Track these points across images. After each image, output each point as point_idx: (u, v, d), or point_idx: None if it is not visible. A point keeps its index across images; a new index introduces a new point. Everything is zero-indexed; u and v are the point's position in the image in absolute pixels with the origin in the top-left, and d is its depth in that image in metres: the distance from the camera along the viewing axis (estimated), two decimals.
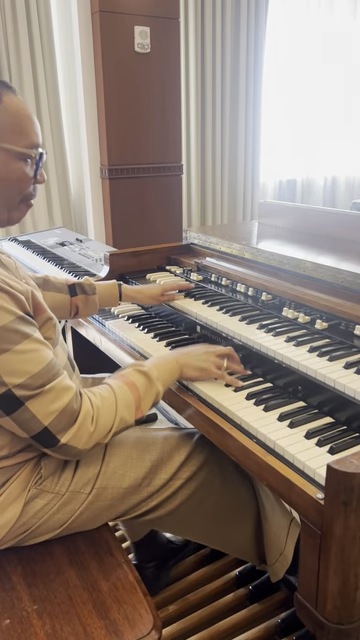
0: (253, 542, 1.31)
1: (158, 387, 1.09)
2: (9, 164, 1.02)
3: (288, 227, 1.95)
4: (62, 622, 0.96)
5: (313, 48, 4.94)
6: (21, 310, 0.96)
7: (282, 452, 0.95)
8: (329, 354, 1.17)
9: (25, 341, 0.94)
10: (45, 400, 0.94)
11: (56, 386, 0.96)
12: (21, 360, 0.93)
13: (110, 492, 1.14)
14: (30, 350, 0.94)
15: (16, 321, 0.93)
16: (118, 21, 3.41)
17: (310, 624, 0.90)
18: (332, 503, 0.79)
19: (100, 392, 1.04)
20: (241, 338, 1.33)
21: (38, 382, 0.94)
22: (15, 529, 1.07)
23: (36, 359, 0.95)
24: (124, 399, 1.04)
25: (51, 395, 0.95)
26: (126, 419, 1.04)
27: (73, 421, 0.97)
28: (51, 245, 2.71)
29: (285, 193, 5.17)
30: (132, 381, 1.07)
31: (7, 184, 1.03)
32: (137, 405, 1.05)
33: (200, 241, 1.98)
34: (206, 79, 4.37)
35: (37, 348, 0.96)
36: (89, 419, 0.98)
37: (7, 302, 0.94)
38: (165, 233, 3.84)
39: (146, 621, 0.96)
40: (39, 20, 3.50)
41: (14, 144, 1.02)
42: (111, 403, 1.02)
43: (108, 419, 1.01)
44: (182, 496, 1.20)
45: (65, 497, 1.10)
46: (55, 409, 0.95)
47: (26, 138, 1.03)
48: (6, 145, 1.01)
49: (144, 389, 1.07)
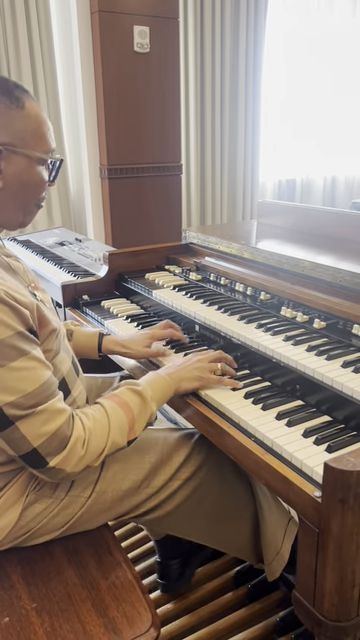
0: (251, 541, 1.31)
1: (152, 407, 1.07)
2: (30, 170, 1.02)
3: (287, 227, 1.95)
4: (61, 620, 0.96)
5: (312, 47, 4.94)
6: (23, 325, 0.93)
7: (280, 451, 0.96)
8: (327, 353, 1.17)
9: (22, 358, 0.91)
10: (36, 421, 0.92)
11: (49, 408, 0.93)
12: (15, 377, 0.90)
13: (110, 495, 1.14)
14: (26, 368, 0.91)
15: (15, 337, 0.91)
16: (117, 21, 3.42)
17: (308, 622, 0.91)
18: (329, 501, 0.79)
19: (93, 414, 1.00)
20: (239, 337, 1.33)
21: (30, 402, 0.91)
22: (14, 532, 1.08)
23: (31, 378, 0.92)
24: (117, 422, 1.01)
25: (43, 417, 0.92)
26: (118, 442, 1.01)
27: (64, 445, 0.94)
28: (50, 245, 2.71)
29: (285, 193, 5.18)
30: (126, 402, 1.04)
31: (27, 189, 1.04)
32: (130, 427, 1.03)
33: (199, 241, 1.99)
34: (205, 79, 4.37)
35: (33, 366, 0.93)
36: (80, 443, 0.96)
37: (8, 316, 0.91)
38: (164, 233, 3.85)
39: (145, 619, 0.96)
40: (38, 20, 3.51)
41: (35, 150, 1.02)
42: (104, 426, 0.99)
43: (100, 443, 0.98)
44: (181, 496, 1.20)
45: (64, 501, 1.10)
46: (46, 431, 0.92)
47: (45, 144, 1.04)
48: (29, 151, 1.01)
49: (138, 410, 1.05)
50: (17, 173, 1.01)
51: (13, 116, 0.99)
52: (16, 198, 1.03)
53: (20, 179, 1.01)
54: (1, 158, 0.98)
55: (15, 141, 0.99)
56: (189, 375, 1.16)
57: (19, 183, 1.02)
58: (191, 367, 1.17)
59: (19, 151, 1.00)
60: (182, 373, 1.16)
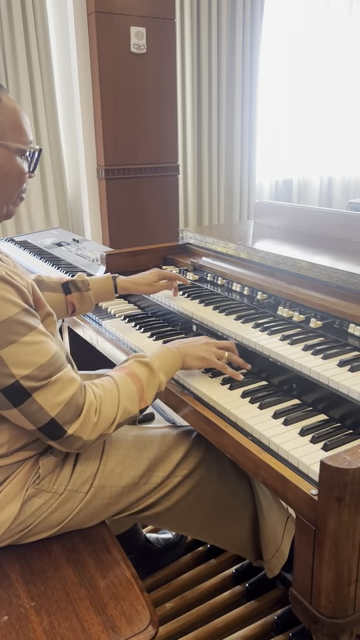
0: (250, 538, 1.32)
1: (160, 377, 1.10)
2: (10, 161, 1.06)
3: (284, 227, 1.96)
4: (60, 618, 0.97)
5: (309, 48, 4.96)
6: (25, 302, 0.98)
7: (277, 449, 0.96)
8: (323, 352, 1.18)
9: (31, 333, 0.95)
10: (52, 391, 0.96)
11: (62, 377, 0.97)
12: (28, 351, 0.94)
13: (108, 490, 1.15)
14: (36, 342, 0.96)
15: (22, 313, 0.95)
16: (114, 22, 3.42)
17: (305, 619, 0.91)
18: (326, 499, 0.80)
19: (102, 384, 1.05)
20: (236, 337, 1.34)
21: (44, 373, 0.95)
22: (13, 527, 1.08)
23: (42, 351, 0.96)
24: (126, 390, 1.05)
25: (57, 386, 0.96)
26: (129, 409, 1.05)
27: (79, 412, 0.98)
28: (48, 245, 2.71)
29: (281, 193, 5.19)
30: (134, 372, 1.08)
31: (8, 180, 1.07)
32: (140, 395, 1.06)
33: (196, 241, 1.99)
34: (202, 79, 4.38)
35: (42, 340, 0.97)
36: (93, 410, 0.99)
37: (12, 294, 0.95)
38: (161, 233, 3.85)
39: (143, 617, 0.97)
40: (35, 21, 3.51)
41: (14, 141, 1.05)
42: (114, 394, 1.03)
43: (111, 410, 1.02)
44: (179, 493, 1.21)
45: (63, 496, 1.11)
46: (62, 400, 0.96)
47: (23, 135, 1.08)
48: (8, 143, 1.04)
49: (146, 379, 1.08)
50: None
51: None
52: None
53: (1, 170, 1.05)
54: None
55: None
56: (194, 353, 1.18)
57: (1, 175, 1.05)
58: (198, 346, 1.20)
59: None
60: (188, 349, 1.18)
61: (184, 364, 1.18)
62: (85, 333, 1.67)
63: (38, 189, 3.77)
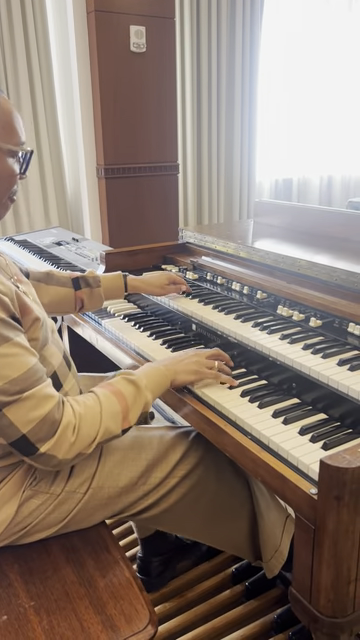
0: (249, 539, 1.32)
1: (147, 396, 1.07)
2: (1, 162, 1.04)
3: (283, 226, 1.96)
4: (59, 618, 0.97)
5: (309, 47, 4.95)
6: (4, 312, 0.94)
7: (276, 448, 0.96)
8: (323, 351, 1.18)
9: (4, 345, 0.91)
10: (23, 407, 0.92)
11: (36, 394, 0.93)
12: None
13: (106, 491, 1.14)
14: (9, 354, 0.92)
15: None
16: (114, 20, 3.42)
17: (304, 618, 0.91)
18: (325, 498, 0.80)
19: (85, 401, 1.01)
20: (236, 336, 1.34)
21: (16, 388, 0.91)
22: (10, 528, 1.08)
23: (15, 364, 0.92)
24: (110, 409, 1.01)
25: (30, 403, 0.92)
26: (111, 429, 1.01)
27: (54, 431, 0.94)
28: (47, 245, 2.71)
29: (281, 192, 5.18)
30: (119, 390, 1.04)
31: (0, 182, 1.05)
32: (124, 415, 1.03)
33: (196, 240, 1.99)
34: (202, 78, 4.37)
35: (17, 353, 0.93)
36: (70, 429, 0.96)
37: None
38: (161, 232, 3.85)
39: (142, 616, 0.97)
40: (34, 20, 3.51)
41: (6, 142, 1.03)
42: (95, 413, 1.00)
43: (92, 429, 0.98)
44: (178, 494, 1.21)
45: (60, 497, 1.10)
46: (34, 417, 0.92)
47: (15, 136, 1.05)
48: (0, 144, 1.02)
49: (132, 398, 1.04)
50: None
51: None
52: None
53: None
54: None
55: None
56: (185, 368, 1.16)
57: None
58: (188, 361, 1.18)
59: None
60: (178, 366, 1.16)
61: (175, 381, 1.15)
62: (84, 332, 1.67)
63: (38, 188, 3.77)
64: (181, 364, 1.17)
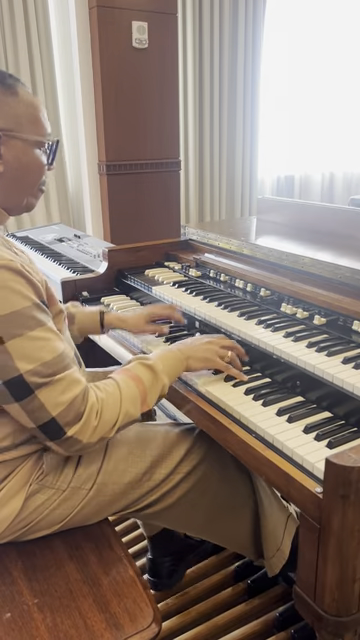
0: (251, 537, 1.32)
1: (164, 380, 1.09)
2: (29, 153, 1.06)
3: (286, 223, 1.95)
4: (63, 616, 0.96)
5: (312, 44, 4.93)
6: (37, 297, 0.97)
7: (281, 446, 0.96)
8: (327, 349, 1.17)
9: (39, 328, 0.94)
10: (55, 390, 0.94)
11: (67, 377, 0.96)
12: (34, 346, 0.93)
13: (111, 488, 1.14)
14: (43, 338, 0.95)
15: (32, 307, 0.94)
16: (116, 16, 3.40)
17: (309, 617, 0.91)
18: (330, 497, 0.79)
19: (105, 386, 1.03)
20: (240, 333, 1.33)
21: (49, 370, 0.94)
22: (15, 523, 1.08)
23: (48, 347, 0.95)
24: (129, 393, 1.04)
25: (61, 385, 0.95)
26: (131, 413, 1.04)
27: (80, 415, 0.96)
28: (49, 241, 2.71)
29: (283, 189, 5.17)
30: (137, 375, 1.07)
31: (27, 172, 1.08)
32: (143, 399, 1.05)
33: (198, 237, 1.98)
34: (204, 74, 4.36)
35: (50, 337, 0.96)
36: (94, 413, 0.98)
37: (25, 287, 0.94)
38: (163, 229, 3.84)
39: (146, 614, 0.96)
40: (37, 15, 3.49)
41: (32, 133, 1.06)
42: (116, 398, 1.02)
43: (112, 413, 1.01)
44: (181, 490, 1.21)
45: (66, 493, 1.10)
46: (64, 400, 0.95)
47: (41, 127, 1.08)
48: (26, 135, 1.05)
49: (149, 383, 1.07)
50: (17, 157, 1.05)
51: (8, 102, 1.03)
52: (18, 182, 1.07)
53: (20, 163, 1.05)
54: (0, 143, 1.02)
55: (12, 126, 1.03)
56: (198, 355, 1.17)
57: (19, 167, 1.06)
58: (202, 347, 1.18)
59: (17, 135, 1.04)
60: (192, 351, 1.17)
61: (188, 366, 1.16)
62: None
63: None
64: (194, 350, 1.18)
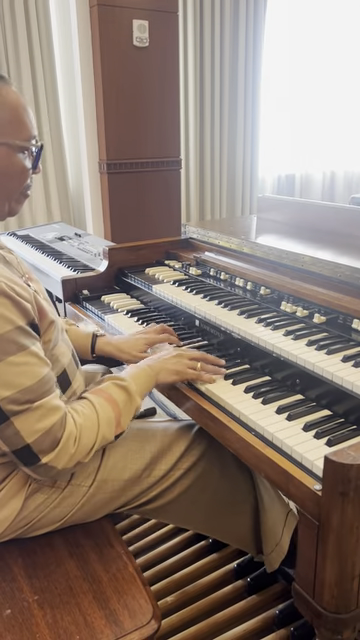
0: (251, 532, 1.32)
1: (137, 401, 1.09)
2: (11, 158, 1.02)
3: (287, 221, 1.95)
4: (62, 612, 0.97)
5: (312, 42, 4.93)
6: (24, 319, 0.94)
7: (280, 444, 0.96)
8: (327, 347, 1.18)
9: (21, 353, 0.91)
10: (32, 417, 0.92)
11: (45, 404, 0.93)
12: (13, 372, 0.90)
13: (110, 485, 1.15)
14: (24, 363, 0.91)
15: (15, 331, 0.91)
16: (116, 15, 3.40)
17: (308, 614, 0.91)
18: (330, 494, 0.80)
19: (83, 410, 1.02)
20: (239, 332, 1.33)
21: (27, 397, 0.91)
22: (15, 523, 1.08)
23: (29, 373, 0.92)
24: (105, 417, 1.02)
25: (38, 413, 0.92)
26: (107, 437, 1.02)
27: (56, 443, 0.94)
28: (50, 240, 2.71)
29: (284, 188, 5.17)
30: (112, 397, 1.05)
31: (9, 178, 1.03)
32: (117, 422, 1.04)
33: (199, 235, 1.98)
34: (205, 73, 4.35)
35: (32, 362, 0.93)
36: (72, 440, 0.96)
37: (9, 310, 0.90)
38: (164, 228, 3.84)
39: (145, 611, 0.97)
40: (37, 14, 3.49)
41: (15, 138, 1.01)
42: (93, 422, 1.00)
43: (90, 439, 0.99)
44: (181, 486, 1.21)
45: (66, 491, 1.11)
46: (41, 428, 0.92)
47: (25, 131, 1.03)
48: (8, 140, 1.00)
49: (124, 404, 1.06)
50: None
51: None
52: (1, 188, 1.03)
53: (2, 168, 1.01)
54: None
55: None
56: (168, 368, 1.17)
57: (1, 173, 1.01)
58: (170, 361, 1.18)
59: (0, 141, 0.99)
60: (161, 365, 1.17)
61: (158, 381, 1.15)
62: (87, 328, 1.66)
63: (40, 183, 3.76)
64: (164, 363, 1.17)
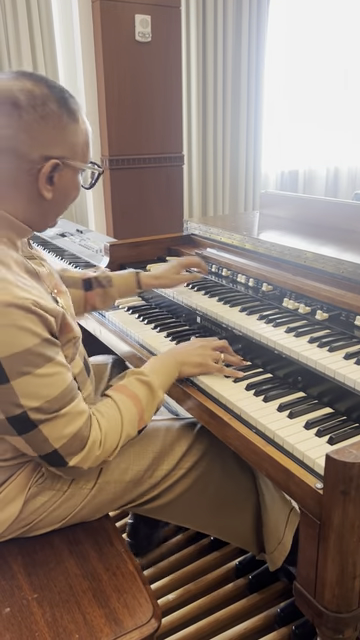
0: (253, 531, 1.31)
1: (160, 395, 1.09)
2: (75, 180, 1.03)
3: (289, 218, 1.94)
4: (62, 611, 0.96)
5: (316, 36, 4.89)
6: (47, 331, 0.94)
7: (282, 442, 0.95)
8: (329, 345, 1.17)
9: (47, 365, 0.92)
10: (59, 424, 0.93)
11: (71, 410, 0.95)
12: (41, 384, 0.91)
13: (113, 486, 1.14)
14: (51, 374, 0.92)
15: (41, 344, 0.91)
16: (118, 10, 3.38)
17: (309, 613, 0.91)
18: (331, 493, 0.79)
19: (107, 411, 1.02)
20: (241, 329, 1.33)
21: (55, 406, 0.93)
22: (14, 525, 1.08)
23: (56, 383, 0.93)
24: (128, 415, 1.03)
25: (65, 419, 0.94)
26: (130, 434, 1.04)
27: (83, 446, 0.96)
28: (51, 236, 2.70)
29: (287, 184, 5.14)
30: (134, 393, 1.06)
31: (68, 198, 1.05)
32: (140, 417, 1.05)
33: (201, 232, 1.97)
34: (207, 68, 4.33)
35: (58, 372, 0.94)
36: (97, 444, 0.98)
37: (35, 324, 0.90)
38: (165, 224, 3.83)
39: (145, 610, 0.96)
40: (39, 9, 3.47)
41: (83, 162, 1.03)
42: (117, 423, 1.02)
43: (114, 439, 1.01)
44: (183, 485, 1.21)
45: (67, 493, 1.10)
46: (67, 433, 0.94)
47: (89, 155, 1.05)
48: (78, 163, 1.02)
49: (146, 400, 1.06)
50: (65, 185, 1.01)
51: (69, 130, 0.98)
52: (58, 207, 1.05)
53: (66, 189, 1.02)
54: (57, 171, 0.98)
55: (69, 154, 0.99)
56: (191, 360, 1.16)
57: (65, 193, 1.03)
58: (194, 352, 1.18)
59: (71, 164, 1.00)
60: (184, 357, 1.17)
61: (181, 373, 1.16)
62: (88, 324, 1.66)
63: None
64: (187, 356, 1.17)
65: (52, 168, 0.96)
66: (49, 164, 0.96)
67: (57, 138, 0.96)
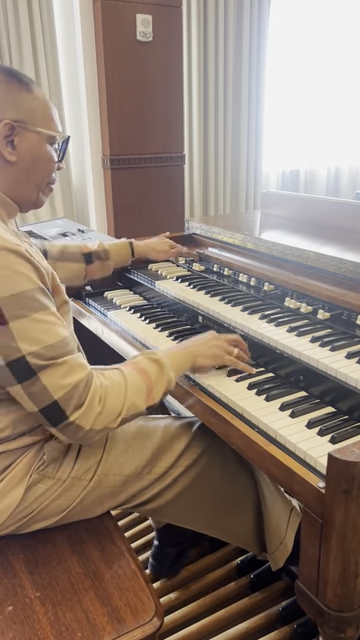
0: (254, 531, 1.31)
1: (170, 374, 1.09)
2: (41, 146, 1.09)
3: (291, 217, 1.94)
4: (64, 609, 0.97)
5: (316, 36, 4.89)
6: (42, 283, 0.98)
7: (283, 441, 0.96)
8: (331, 344, 1.17)
9: (43, 311, 0.95)
10: (57, 372, 0.94)
11: (70, 361, 0.96)
12: (38, 328, 0.93)
13: (111, 479, 1.15)
14: (46, 321, 0.95)
15: (37, 290, 0.95)
16: (120, 9, 3.38)
17: (311, 612, 0.91)
18: (333, 492, 0.79)
19: (110, 375, 1.03)
20: (243, 328, 1.33)
21: (52, 353, 0.94)
22: (16, 513, 1.08)
23: (52, 331, 0.95)
24: (134, 385, 1.03)
25: (64, 368, 0.95)
26: (137, 405, 1.03)
27: (83, 400, 0.96)
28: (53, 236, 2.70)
29: (288, 184, 5.14)
30: (143, 368, 1.06)
31: (38, 166, 1.09)
32: (149, 391, 1.05)
33: (202, 231, 1.98)
34: (209, 68, 4.33)
35: (53, 321, 0.97)
36: (97, 399, 0.98)
37: (29, 271, 0.95)
38: (167, 223, 3.82)
39: (148, 608, 0.96)
40: (40, 8, 3.48)
41: (45, 128, 1.09)
42: (120, 387, 1.02)
43: (117, 402, 1.00)
44: (182, 484, 1.21)
45: (66, 483, 1.11)
46: (67, 384, 0.95)
47: (53, 124, 1.11)
48: (39, 129, 1.08)
49: (155, 376, 1.06)
50: (30, 149, 1.07)
51: (23, 97, 1.06)
52: (29, 174, 1.09)
53: (33, 155, 1.08)
54: (14, 134, 1.04)
55: (26, 118, 1.06)
56: (205, 352, 1.17)
57: (31, 159, 1.08)
58: (208, 344, 1.18)
59: (30, 128, 1.06)
60: (198, 349, 1.17)
61: (195, 364, 1.16)
62: (90, 324, 1.66)
63: None
64: (202, 347, 1.17)
65: (9, 130, 1.03)
66: (1, 124, 1.02)
67: (7, 101, 1.04)
